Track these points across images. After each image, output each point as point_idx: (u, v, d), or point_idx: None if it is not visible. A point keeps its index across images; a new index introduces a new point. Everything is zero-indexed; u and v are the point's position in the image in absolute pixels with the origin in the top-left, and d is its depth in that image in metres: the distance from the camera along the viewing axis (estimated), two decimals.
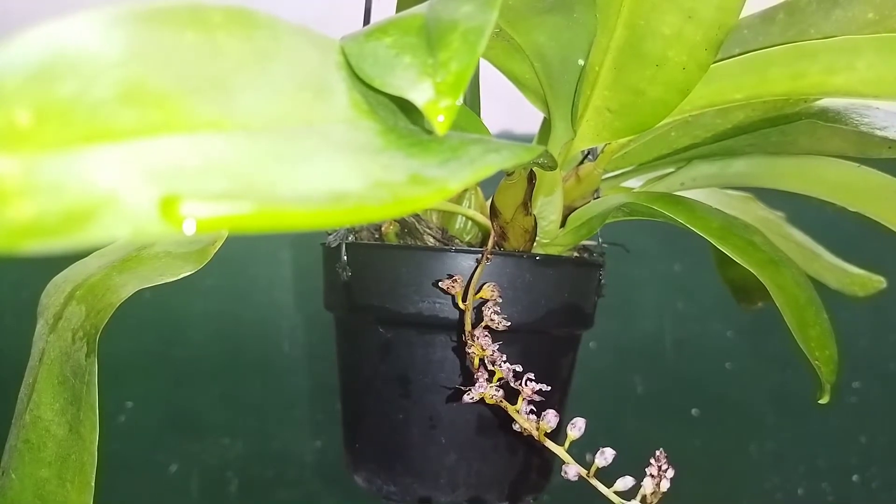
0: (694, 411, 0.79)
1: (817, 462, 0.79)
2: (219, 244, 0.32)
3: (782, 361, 0.72)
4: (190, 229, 0.14)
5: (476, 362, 0.32)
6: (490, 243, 0.36)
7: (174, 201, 0.14)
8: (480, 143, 0.21)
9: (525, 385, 0.31)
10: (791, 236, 0.48)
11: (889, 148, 0.35)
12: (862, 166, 0.39)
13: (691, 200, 0.36)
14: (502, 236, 0.37)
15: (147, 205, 0.14)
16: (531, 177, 0.36)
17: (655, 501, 0.28)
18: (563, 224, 0.39)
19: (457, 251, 0.36)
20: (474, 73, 0.45)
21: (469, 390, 0.32)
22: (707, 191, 0.45)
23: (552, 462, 0.40)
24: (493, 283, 0.34)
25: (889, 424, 0.79)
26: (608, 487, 0.29)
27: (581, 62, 0.33)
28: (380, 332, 0.38)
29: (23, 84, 0.15)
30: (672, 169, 0.43)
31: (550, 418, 0.30)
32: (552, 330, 0.39)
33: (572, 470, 0.29)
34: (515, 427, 0.31)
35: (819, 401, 0.33)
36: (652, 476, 0.28)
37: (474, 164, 0.20)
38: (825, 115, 0.36)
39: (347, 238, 0.38)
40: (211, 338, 0.76)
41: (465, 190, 0.40)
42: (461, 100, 0.21)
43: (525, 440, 0.31)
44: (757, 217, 0.47)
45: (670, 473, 0.29)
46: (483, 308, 0.33)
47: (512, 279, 0.36)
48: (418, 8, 0.25)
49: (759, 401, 0.79)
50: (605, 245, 0.43)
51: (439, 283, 0.35)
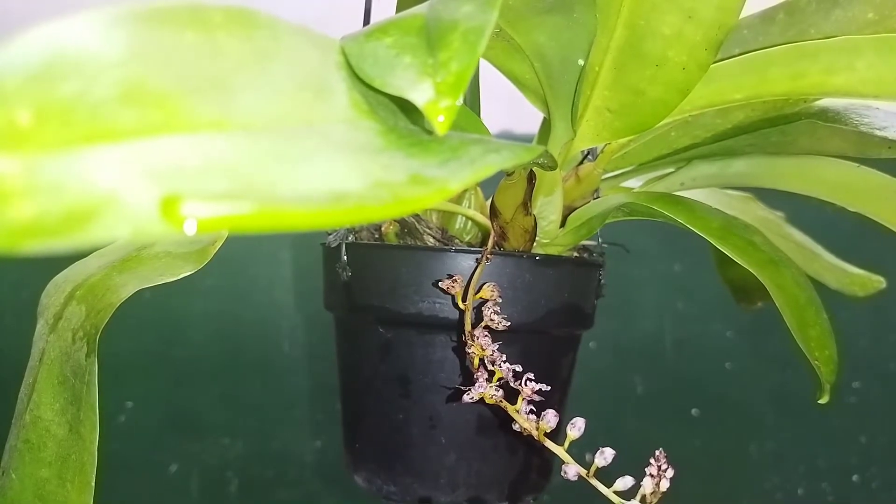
0: (694, 411, 0.79)
1: (817, 462, 0.79)
2: (219, 244, 0.32)
3: (782, 361, 0.72)
4: (191, 229, 0.14)
5: (476, 362, 0.32)
6: (490, 243, 0.36)
7: (175, 201, 0.14)
8: (480, 144, 0.21)
9: (525, 385, 0.31)
10: (791, 236, 0.48)
11: (889, 148, 0.35)
12: (861, 166, 0.39)
13: (691, 200, 0.36)
14: (502, 236, 0.37)
15: (148, 205, 0.14)
16: (531, 177, 0.36)
17: (655, 501, 0.28)
18: (563, 224, 0.39)
19: (457, 251, 0.36)
20: (474, 73, 0.45)
21: (469, 390, 0.32)
22: (707, 191, 0.45)
23: (552, 462, 0.40)
24: (493, 283, 0.34)
25: (889, 424, 0.79)
26: (608, 487, 0.29)
27: (581, 62, 0.33)
28: (380, 332, 0.38)
29: (23, 84, 0.15)
30: (672, 169, 0.44)
31: (550, 418, 0.30)
32: (552, 330, 0.39)
33: (572, 470, 0.29)
34: (515, 427, 0.31)
35: (819, 401, 0.33)
36: (651, 476, 0.28)
37: (474, 165, 0.20)
38: (825, 116, 0.36)
39: (347, 238, 0.38)
40: (211, 338, 0.76)
41: (465, 190, 0.40)
42: (461, 100, 0.21)
43: (525, 440, 0.31)
44: (757, 217, 0.47)
45: (670, 473, 0.29)
46: (483, 308, 0.33)
47: (512, 279, 0.36)
48: (418, 8, 0.25)
49: (759, 401, 0.79)
50: (605, 245, 0.43)
51: (439, 283, 0.35)
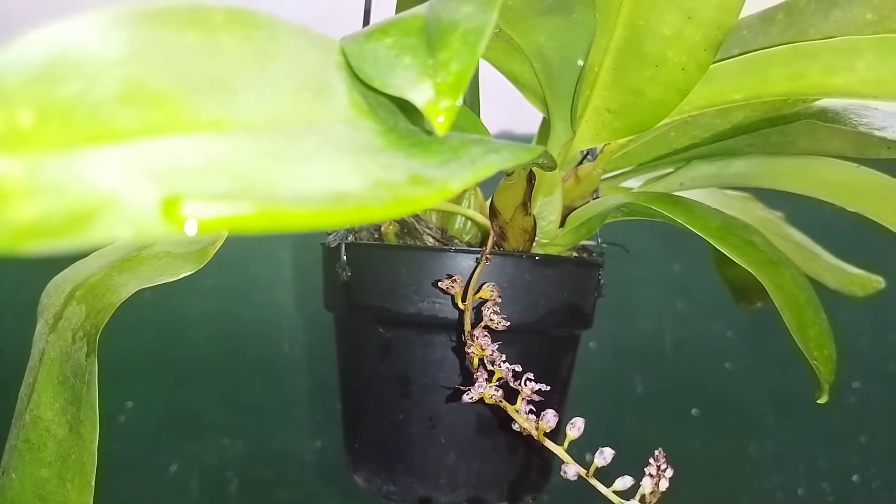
0: (694, 411, 0.79)
1: (817, 462, 0.79)
2: (219, 244, 0.32)
3: (782, 361, 0.72)
4: (191, 230, 0.14)
5: (475, 362, 0.32)
6: (489, 243, 0.36)
7: (176, 202, 0.15)
8: (480, 144, 0.21)
9: (524, 385, 0.31)
10: (790, 236, 0.48)
11: (888, 148, 0.36)
12: (861, 166, 0.39)
13: (690, 200, 0.36)
14: (502, 236, 0.37)
15: (149, 205, 0.14)
16: (530, 177, 0.36)
17: (654, 501, 0.28)
18: (563, 224, 0.39)
19: (456, 251, 0.36)
20: (474, 74, 0.45)
21: (468, 390, 0.32)
22: (706, 191, 0.45)
23: (551, 462, 0.40)
24: (493, 283, 0.34)
25: (889, 424, 0.79)
26: (608, 487, 0.29)
27: (580, 62, 0.33)
28: (379, 332, 0.38)
29: (24, 85, 0.15)
30: (671, 169, 0.44)
31: (549, 418, 0.30)
32: (552, 330, 0.39)
33: (571, 469, 0.29)
34: (515, 427, 0.31)
35: (818, 400, 0.33)
36: (651, 476, 0.29)
37: (474, 165, 0.20)
38: (824, 116, 0.36)
39: (347, 238, 0.38)
40: (211, 338, 0.76)
41: (465, 190, 0.40)
42: (461, 100, 0.21)
43: (525, 440, 0.31)
44: (756, 217, 0.47)
45: (669, 473, 0.29)
46: (482, 308, 0.33)
47: (511, 279, 0.36)
48: (418, 9, 0.25)
49: (759, 401, 0.79)
50: (605, 245, 0.43)
51: (439, 283, 0.35)
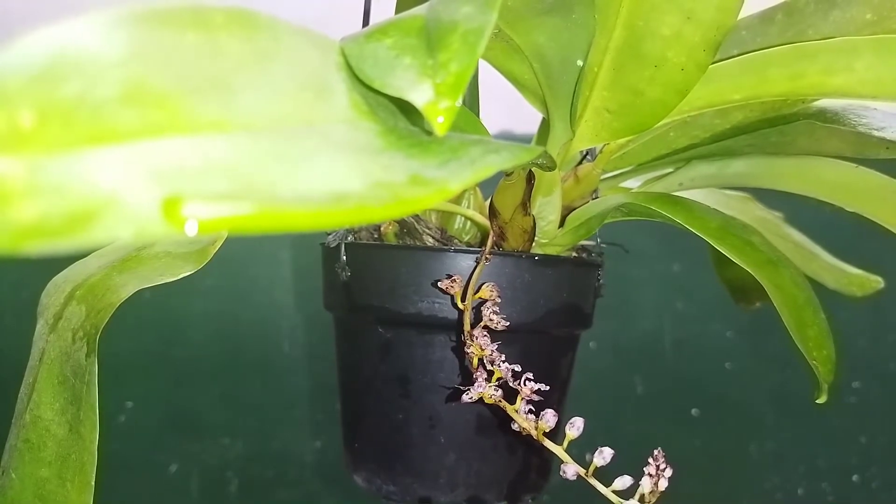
0: (694, 411, 0.79)
1: (817, 462, 0.79)
2: (218, 244, 0.32)
3: (782, 361, 0.72)
4: (192, 230, 0.14)
5: (475, 362, 0.32)
6: (489, 243, 0.36)
7: (176, 202, 0.15)
8: (480, 144, 0.21)
9: (524, 385, 0.31)
10: (789, 236, 0.48)
11: (887, 148, 0.36)
12: (860, 167, 0.39)
13: (689, 201, 0.36)
14: (501, 236, 0.37)
15: (149, 206, 0.14)
16: (530, 177, 0.36)
17: (653, 500, 0.29)
18: (562, 224, 0.39)
19: (456, 251, 0.36)
20: (473, 74, 0.45)
21: (468, 390, 0.32)
22: (705, 191, 0.45)
23: (551, 462, 0.40)
24: (492, 283, 0.34)
25: (889, 424, 0.79)
26: (607, 487, 0.29)
27: (580, 63, 0.33)
28: (379, 332, 0.38)
29: (26, 85, 0.15)
30: (671, 169, 0.44)
31: (549, 418, 0.30)
32: (551, 330, 0.39)
33: (571, 469, 0.29)
34: (514, 427, 0.31)
35: (817, 400, 0.33)
36: (650, 475, 0.29)
37: (474, 165, 0.20)
38: (823, 116, 0.36)
39: (347, 238, 0.38)
40: (211, 338, 0.76)
41: (464, 190, 0.40)
42: (460, 101, 0.21)
43: (524, 440, 0.31)
44: (755, 217, 0.47)
45: (668, 472, 0.29)
46: (482, 308, 0.33)
47: (511, 279, 0.36)
48: (418, 9, 0.25)
49: (759, 401, 0.79)
50: (604, 245, 0.43)
51: (438, 283, 0.35)
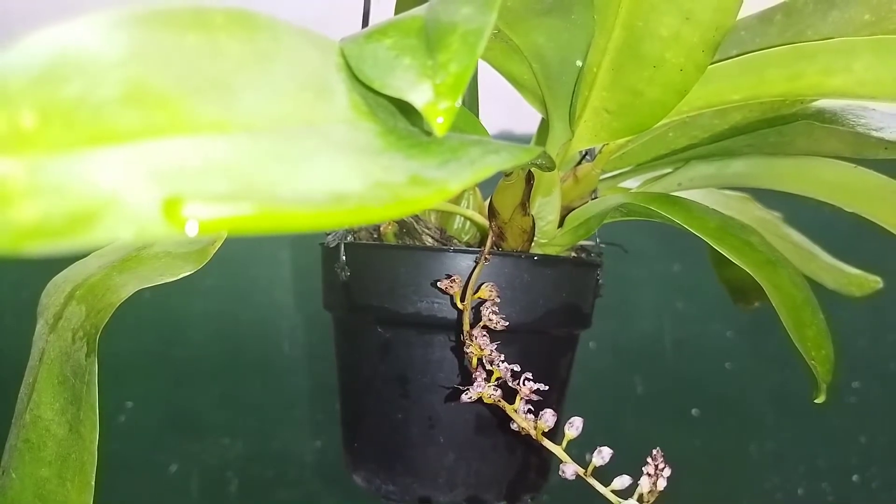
0: (694, 411, 0.79)
1: (817, 462, 0.79)
2: (218, 244, 0.32)
3: (782, 361, 0.72)
4: (192, 231, 0.14)
5: (474, 362, 0.32)
6: (488, 243, 0.36)
7: (177, 203, 0.15)
8: (480, 145, 0.21)
9: (523, 384, 0.31)
10: (788, 236, 0.48)
11: (885, 149, 0.36)
12: (858, 167, 0.39)
13: (688, 201, 0.36)
14: (500, 236, 0.38)
15: (150, 206, 0.14)
16: (529, 177, 0.36)
17: (652, 500, 0.29)
18: (561, 224, 0.39)
19: (455, 251, 0.36)
20: (473, 74, 0.45)
21: (467, 390, 0.32)
22: (704, 191, 0.45)
23: (550, 461, 0.40)
24: (492, 283, 0.34)
25: (889, 424, 0.79)
26: (606, 486, 0.29)
27: (579, 63, 0.33)
28: (379, 332, 0.38)
29: (27, 86, 0.15)
30: (670, 169, 0.44)
31: (548, 417, 0.30)
32: (550, 330, 0.39)
33: (570, 469, 0.29)
34: (513, 426, 0.31)
35: (815, 400, 0.33)
36: (649, 475, 0.29)
37: (474, 166, 0.20)
38: (822, 117, 0.36)
39: (346, 238, 0.39)
40: (211, 338, 0.76)
41: (464, 190, 0.40)
42: (460, 101, 0.21)
43: (523, 439, 0.31)
44: (754, 217, 0.47)
45: (667, 472, 0.29)
46: (481, 308, 0.33)
47: (510, 279, 0.36)
48: (417, 10, 0.25)
49: (759, 401, 0.79)
50: (603, 245, 0.43)
51: (438, 283, 0.35)
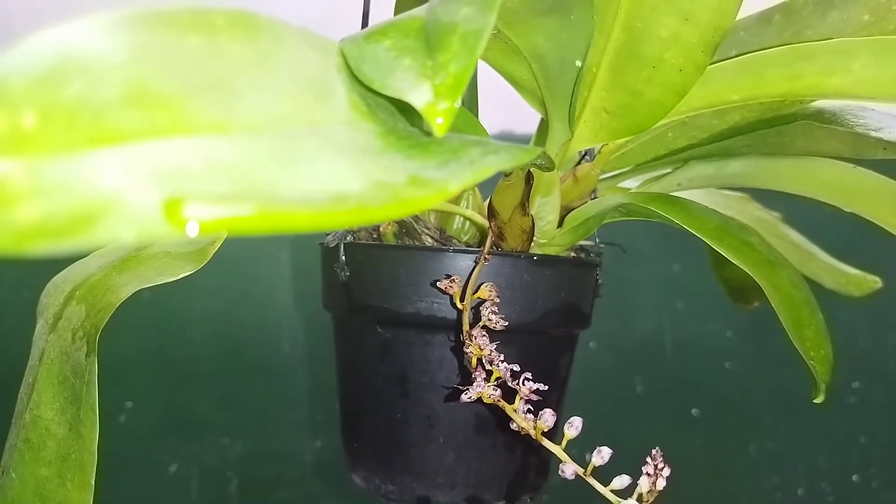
0: (694, 411, 0.79)
1: (817, 462, 0.79)
2: (218, 244, 0.32)
3: (782, 361, 0.73)
4: (193, 231, 0.15)
5: (474, 362, 0.32)
6: (488, 243, 0.36)
7: (178, 203, 0.15)
8: (479, 145, 0.21)
9: (522, 384, 0.31)
10: (787, 236, 0.48)
11: (884, 149, 0.36)
12: (857, 167, 0.39)
13: (688, 201, 0.36)
14: (500, 236, 0.38)
15: (151, 207, 0.14)
16: (529, 177, 0.36)
17: (651, 500, 0.29)
18: (561, 224, 0.39)
19: (455, 251, 0.36)
20: (472, 74, 0.45)
21: (467, 390, 0.32)
22: (704, 191, 0.45)
23: (549, 461, 0.40)
24: (491, 283, 0.34)
25: (889, 424, 0.79)
26: (606, 486, 0.29)
27: (578, 63, 0.33)
28: (378, 332, 0.38)
29: (28, 87, 0.15)
30: (669, 169, 0.44)
31: (547, 417, 0.30)
32: (550, 330, 0.39)
33: (569, 469, 0.30)
34: (513, 426, 0.31)
35: (814, 400, 0.33)
36: (648, 475, 0.29)
37: (474, 166, 0.20)
38: (821, 117, 0.36)
39: (346, 238, 0.39)
40: (211, 338, 0.76)
41: (463, 190, 0.40)
42: (460, 102, 0.21)
43: (523, 439, 0.31)
44: (753, 217, 0.47)
45: (666, 472, 0.29)
46: (481, 308, 0.33)
47: (510, 279, 0.36)
48: (417, 10, 0.25)
49: (759, 401, 0.80)
50: (603, 245, 0.43)
51: (437, 283, 0.35)
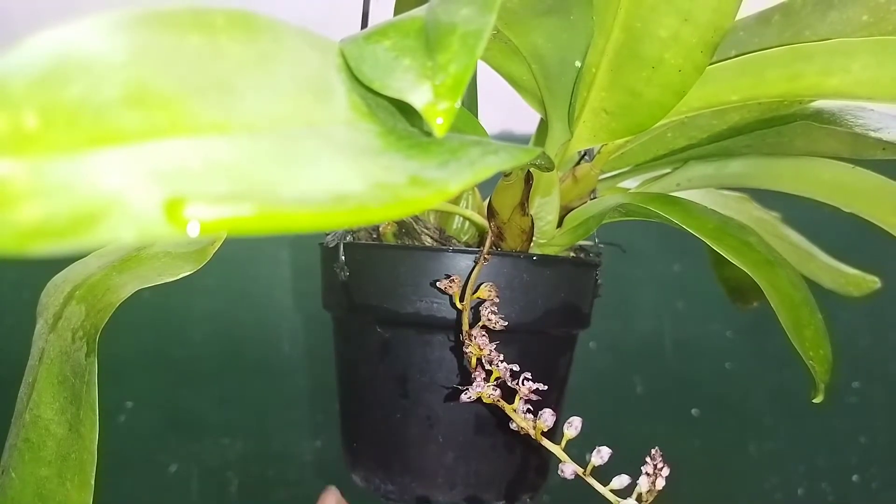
0: (694, 411, 0.79)
1: (817, 462, 0.79)
2: (218, 244, 0.32)
3: (782, 361, 0.73)
4: (194, 231, 0.15)
5: (473, 362, 0.32)
6: (487, 243, 0.36)
7: (179, 204, 0.15)
8: (479, 145, 0.21)
9: (522, 384, 0.31)
10: (786, 237, 0.48)
11: (883, 149, 0.36)
12: (856, 167, 0.39)
13: (687, 201, 0.36)
14: (499, 236, 0.38)
15: (152, 207, 0.14)
16: (528, 177, 0.36)
17: (651, 499, 0.29)
18: (560, 224, 0.39)
19: (454, 251, 0.36)
20: (472, 75, 0.45)
21: (466, 390, 0.32)
22: (703, 191, 0.46)
23: (549, 461, 0.40)
24: (491, 283, 0.34)
25: (889, 424, 0.79)
26: (605, 486, 0.29)
27: (578, 64, 0.33)
28: (378, 332, 0.38)
29: (29, 87, 0.15)
30: (668, 169, 0.44)
31: (547, 417, 0.30)
32: (549, 330, 0.39)
33: (569, 468, 0.30)
34: (513, 426, 0.31)
35: (813, 400, 0.33)
36: (647, 474, 0.29)
37: (474, 166, 0.20)
38: (820, 117, 0.36)
39: (345, 238, 0.39)
40: (211, 338, 0.76)
41: (463, 190, 0.40)
42: (459, 102, 0.21)
43: (522, 439, 0.31)
44: (752, 217, 0.47)
45: (666, 472, 0.29)
46: (480, 308, 0.33)
47: (509, 279, 0.36)
48: (417, 11, 0.25)
49: (759, 401, 0.80)
50: (602, 245, 0.43)
51: (437, 283, 0.35)
